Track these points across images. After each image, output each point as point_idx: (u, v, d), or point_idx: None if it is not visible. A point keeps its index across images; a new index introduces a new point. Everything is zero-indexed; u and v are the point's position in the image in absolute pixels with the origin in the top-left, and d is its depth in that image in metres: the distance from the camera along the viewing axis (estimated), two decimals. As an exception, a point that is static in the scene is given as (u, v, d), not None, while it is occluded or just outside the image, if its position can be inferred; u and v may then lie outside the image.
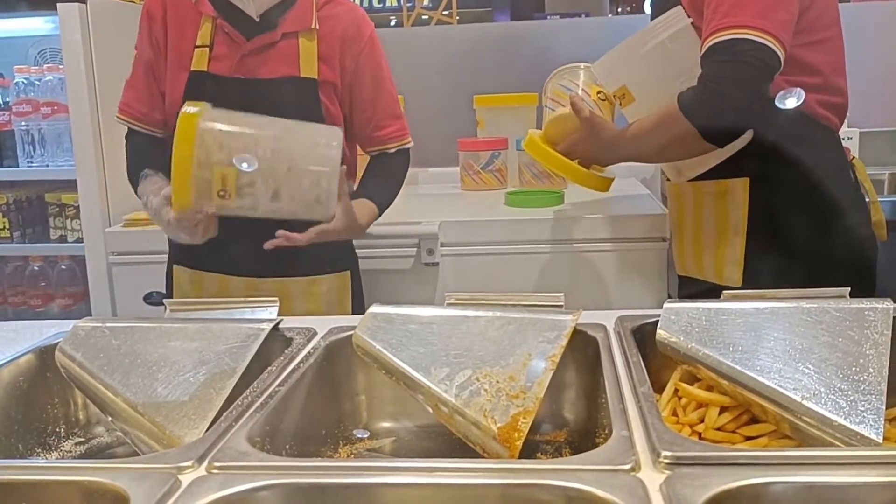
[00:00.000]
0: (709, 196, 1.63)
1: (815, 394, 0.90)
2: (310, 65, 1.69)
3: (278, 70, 1.67)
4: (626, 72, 1.61)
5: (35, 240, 2.73)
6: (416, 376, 1.01)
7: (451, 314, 1.10)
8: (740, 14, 1.40)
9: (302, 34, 1.69)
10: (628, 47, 1.59)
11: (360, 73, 1.75)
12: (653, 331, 1.04)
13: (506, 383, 1.00)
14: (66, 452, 1.12)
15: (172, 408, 1.00)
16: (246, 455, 0.78)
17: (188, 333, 1.12)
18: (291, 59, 1.69)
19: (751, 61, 1.39)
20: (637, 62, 1.57)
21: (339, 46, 1.72)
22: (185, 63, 1.67)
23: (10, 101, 2.63)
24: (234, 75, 1.66)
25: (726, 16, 1.41)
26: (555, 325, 1.06)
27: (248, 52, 1.66)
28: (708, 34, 1.43)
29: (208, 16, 1.67)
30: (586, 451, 1.01)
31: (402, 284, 2.17)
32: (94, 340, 1.12)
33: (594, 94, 1.80)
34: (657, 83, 1.56)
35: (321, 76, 1.70)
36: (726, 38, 1.40)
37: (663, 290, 2.10)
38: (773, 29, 1.39)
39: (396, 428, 1.13)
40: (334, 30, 1.71)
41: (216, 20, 1.67)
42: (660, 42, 1.53)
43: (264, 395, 0.95)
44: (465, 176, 2.71)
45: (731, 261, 1.58)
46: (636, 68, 1.59)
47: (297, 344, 1.13)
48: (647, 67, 1.57)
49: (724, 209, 1.60)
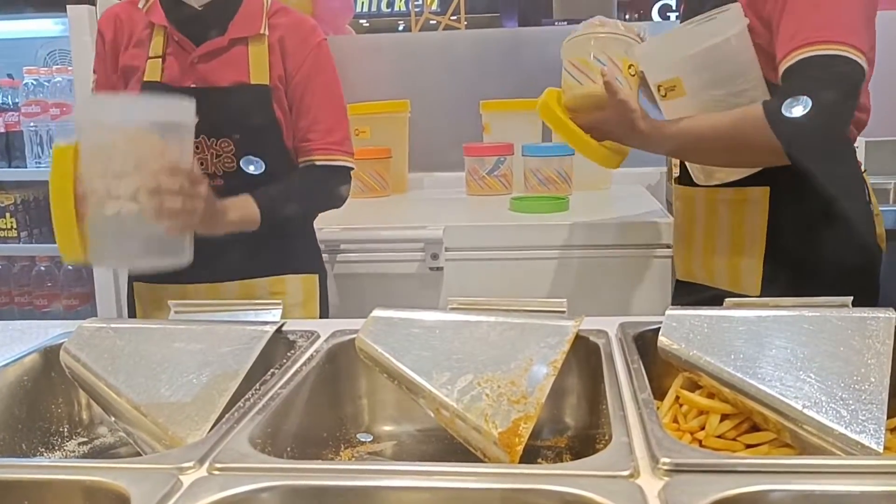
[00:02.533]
0: (725, 203, 1.60)
1: (817, 403, 0.90)
2: (260, 71, 1.68)
3: (229, 77, 1.66)
4: (682, 64, 1.51)
5: (42, 240, 2.74)
6: (417, 380, 1.02)
7: (454, 319, 1.10)
8: (838, 29, 1.35)
9: (251, 40, 1.68)
10: (694, 37, 1.48)
11: (301, 81, 1.71)
12: (654, 337, 1.05)
13: (507, 388, 1.00)
14: (69, 452, 1.13)
15: (175, 409, 1.01)
16: (247, 456, 0.79)
17: (192, 335, 1.12)
18: (241, 66, 1.67)
19: (845, 81, 1.35)
20: (697, 56, 1.47)
21: (285, 53, 1.70)
22: (139, 77, 1.67)
23: (20, 102, 2.64)
24: (185, 84, 1.65)
25: (823, 29, 1.35)
26: (557, 331, 1.06)
27: (197, 59, 1.65)
28: (797, 46, 1.37)
29: (160, 26, 1.67)
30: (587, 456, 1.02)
31: (407, 289, 2.17)
32: (98, 341, 1.12)
33: (626, 68, 1.64)
34: (714, 82, 1.49)
35: (272, 82, 1.68)
36: (819, 54, 1.34)
37: (667, 297, 2.10)
38: (864, 48, 1.36)
39: (398, 431, 1.14)
40: (283, 37, 1.70)
41: (167, 30, 1.67)
42: (725, 39, 1.44)
43: (266, 398, 0.95)
44: (471, 181, 2.71)
45: (749, 270, 1.56)
46: (694, 63, 1.49)
47: (300, 347, 1.13)
48: (706, 63, 1.48)
49: (741, 217, 1.57)
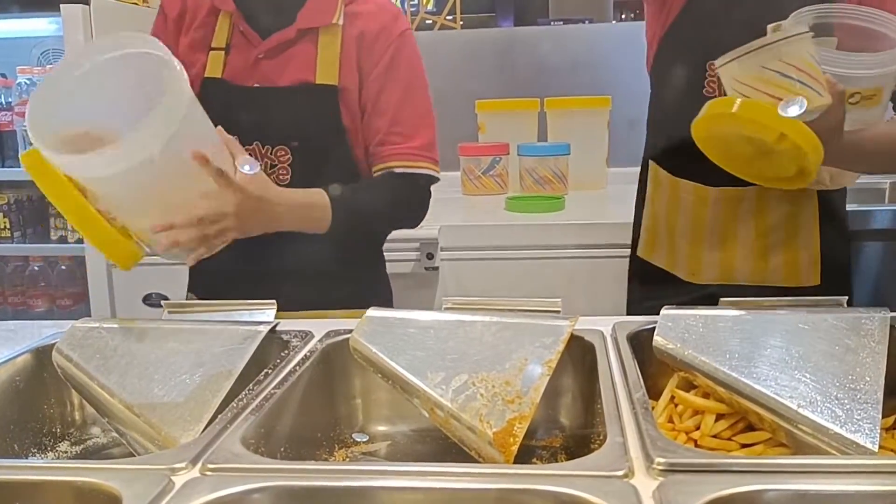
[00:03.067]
0: (775, 200, 1.55)
1: (812, 402, 0.90)
2: (328, 69, 1.46)
3: (293, 76, 1.47)
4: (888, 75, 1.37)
5: (36, 240, 2.73)
6: (412, 380, 1.01)
7: (449, 318, 1.10)
8: None
9: (322, 32, 1.47)
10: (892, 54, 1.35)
11: (378, 77, 1.49)
12: (650, 337, 1.04)
13: (502, 388, 1.00)
14: (61, 453, 1.12)
15: (168, 409, 1.00)
16: (239, 457, 0.78)
17: (185, 335, 1.12)
18: (307, 62, 1.47)
19: None
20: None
21: (361, 48, 1.49)
22: (198, 71, 1.49)
23: (13, 102, 2.63)
24: (247, 84, 1.47)
25: None
26: (551, 331, 1.05)
27: (262, 54, 1.47)
28: None
29: (226, 12, 1.49)
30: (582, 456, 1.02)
31: (403, 289, 2.16)
32: (91, 341, 1.12)
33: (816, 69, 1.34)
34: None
35: (342, 82, 1.47)
36: None
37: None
38: None
39: (392, 431, 1.13)
40: (361, 30, 1.49)
41: (233, 17, 1.49)
42: None
43: (260, 398, 0.95)
44: (466, 180, 2.71)
45: (808, 263, 1.56)
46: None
47: (295, 347, 1.13)
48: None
49: (794, 212, 1.55)
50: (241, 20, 1.48)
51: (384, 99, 1.49)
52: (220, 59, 1.48)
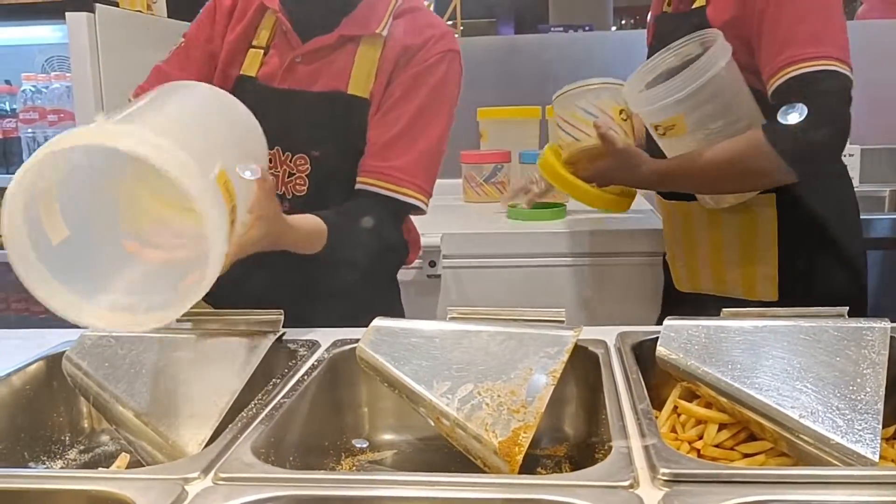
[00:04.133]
0: (730, 213, 1.61)
1: (813, 412, 0.91)
2: (363, 80, 1.40)
3: (326, 83, 1.42)
4: (681, 103, 1.51)
5: (39, 246, 2.74)
6: (418, 389, 1.03)
7: (454, 328, 1.11)
8: (825, 45, 1.37)
9: (364, 41, 1.42)
10: (688, 76, 1.48)
11: (402, 90, 1.41)
12: (653, 347, 1.06)
13: (507, 398, 1.01)
14: (70, 461, 1.13)
15: (175, 417, 1.01)
16: (251, 467, 0.80)
17: (193, 344, 1.13)
18: (343, 70, 1.41)
19: (842, 95, 1.37)
20: (696, 93, 1.48)
21: (398, 60, 1.42)
22: (236, 64, 1.47)
23: (18, 109, 2.64)
24: (279, 85, 1.43)
25: (809, 45, 1.37)
26: (556, 341, 1.07)
27: (300, 57, 1.42)
28: (788, 63, 1.39)
29: (273, 11, 1.46)
30: (586, 466, 1.03)
31: (405, 296, 2.17)
32: (100, 350, 1.13)
33: (616, 115, 1.68)
34: (713, 115, 1.50)
35: (374, 95, 1.41)
36: (811, 70, 1.36)
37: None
38: (848, 58, 1.38)
39: (398, 440, 1.14)
40: (404, 42, 1.43)
41: (278, 16, 1.45)
42: (719, 71, 1.45)
43: (269, 407, 0.96)
44: (468, 188, 2.72)
45: (764, 276, 1.58)
46: (693, 100, 1.49)
47: (302, 356, 1.14)
48: (704, 99, 1.49)
49: (752, 225, 1.59)
50: (285, 20, 1.44)
51: (396, 117, 1.40)
52: (259, 57, 1.45)
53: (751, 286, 1.61)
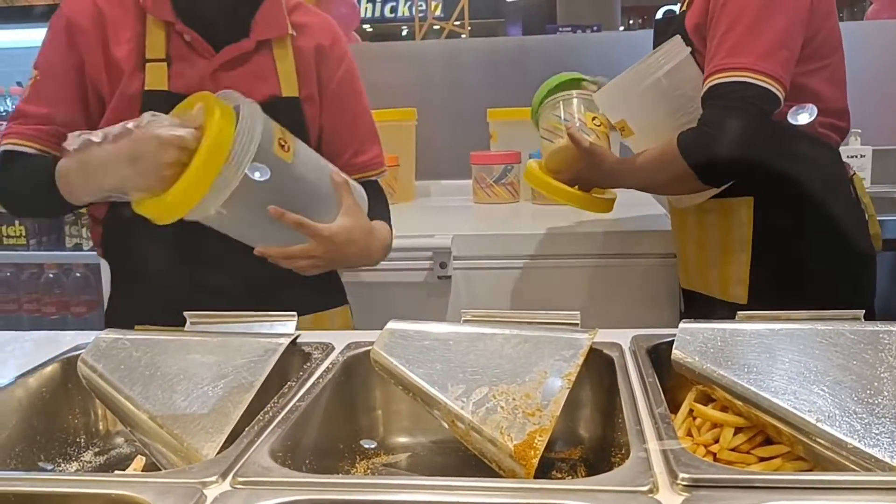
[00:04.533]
0: (712, 214, 1.65)
1: (830, 416, 0.91)
2: (289, 81, 1.47)
3: (260, 89, 1.42)
4: (625, 106, 1.61)
5: (50, 247, 2.75)
6: (432, 392, 1.03)
7: (468, 331, 1.11)
8: (742, 55, 1.39)
9: (276, 44, 1.46)
10: (628, 81, 1.59)
11: (339, 91, 1.53)
12: (668, 350, 1.05)
13: (522, 401, 1.01)
14: (85, 463, 1.13)
15: (191, 420, 1.01)
16: (269, 470, 0.80)
17: (207, 347, 1.13)
18: (270, 76, 1.46)
19: (749, 107, 1.39)
20: (635, 98, 1.57)
21: (314, 59, 1.50)
22: (136, 81, 1.39)
23: (29, 110, 2.65)
24: None
25: (728, 55, 1.40)
26: (571, 344, 1.06)
27: (218, 67, 1.42)
28: (709, 73, 1.43)
29: (161, 21, 1.40)
30: (601, 469, 1.03)
31: (415, 298, 2.18)
32: (115, 352, 1.13)
33: (589, 121, 1.80)
34: (655, 119, 1.57)
35: (302, 93, 1.48)
36: (726, 81, 1.40)
37: (675, 305, 2.11)
38: (775, 70, 1.39)
39: (412, 443, 1.14)
40: (316, 39, 1.51)
41: (172, 27, 1.40)
42: (656, 80, 1.52)
43: (285, 410, 0.96)
44: (478, 189, 2.72)
45: (737, 279, 1.60)
46: (634, 104, 1.59)
47: (316, 359, 1.14)
48: (644, 104, 1.57)
49: (727, 227, 1.61)
50: (187, 30, 1.41)
51: (353, 113, 1.57)
52: (164, 70, 1.39)
53: (725, 287, 1.63)
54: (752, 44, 1.40)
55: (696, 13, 1.53)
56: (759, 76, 1.38)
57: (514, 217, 2.41)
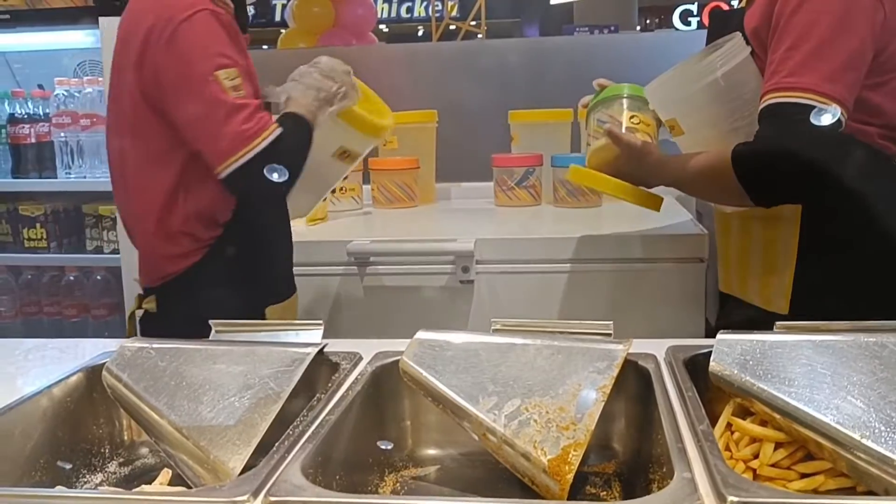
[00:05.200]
0: (757, 221, 1.58)
1: (875, 431, 0.88)
2: None
3: None
4: (678, 105, 1.54)
5: (71, 250, 2.75)
6: (464, 405, 1.00)
7: (499, 341, 1.09)
8: (808, 75, 1.33)
9: None
10: (683, 79, 1.51)
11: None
12: (704, 362, 1.03)
13: (556, 414, 0.98)
14: (110, 474, 1.12)
15: (217, 432, 1.00)
16: (302, 489, 0.78)
17: (233, 357, 1.11)
18: None
19: (810, 131, 1.33)
20: (689, 97, 1.49)
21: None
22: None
23: (51, 113, 2.65)
24: None
25: (793, 74, 1.33)
26: (605, 355, 1.04)
27: None
28: (770, 89, 1.36)
29: None
30: (637, 485, 1.00)
31: (437, 302, 2.16)
32: (140, 361, 1.12)
33: (627, 119, 1.74)
34: (707, 121, 1.50)
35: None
36: (788, 101, 1.33)
37: (700, 311, 2.08)
38: (840, 94, 1.33)
39: (441, 455, 1.12)
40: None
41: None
42: (714, 80, 1.44)
43: (315, 424, 0.94)
44: (499, 192, 2.69)
45: (779, 290, 1.53)
46: (687, 103, 1.51)
47: (344, 369, 1.12)
48: (698, 104, 1.50)
49: (773, 237, 1.54)
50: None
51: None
52: None
53: (767, 297, 1.57)
54: (819, 64, 1.33)
55: (756, 15, 1.45)
56: (823, 99, 1.31)
57: (536, 220, 2.38)
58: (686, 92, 1.49)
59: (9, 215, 2.74)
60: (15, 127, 2.66)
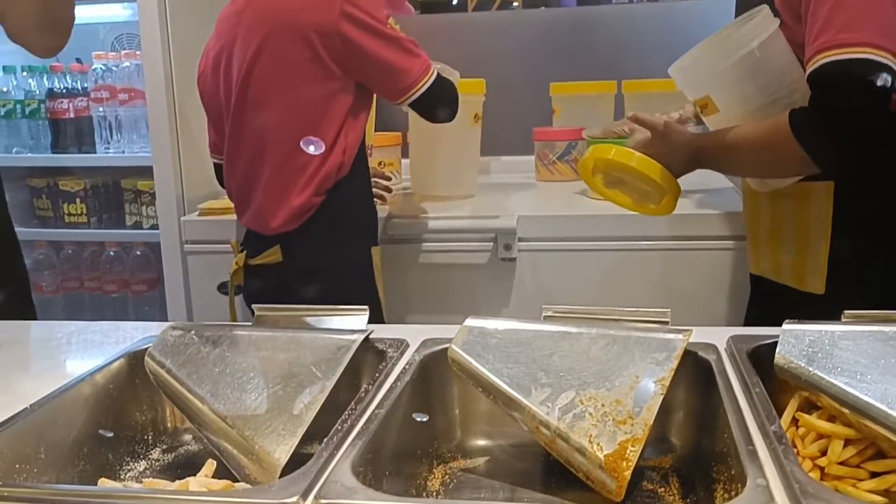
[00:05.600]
0: (788, 199, 1.53)
1: (951, 429, 0.83)
2: None
3: None
4: (710, 81, 1.47)
5: (111, 225, 2.74)
6: (516, 397, 0.97)
7: (552, 330, 1.05)
8: (860, 30, 1.27)
9: None
10: (711, 55, 1.45)
11: None
12: (768, 353, 0.98)
13: (612, 407, 0.94)
14: (153, 461, 1.10)
15: (262, 421, 0.97)
16: (353, 492, 0.74)
17: (277, 343, 1.09)
18: None
19: (874, 87, 1.26)
20: (722, 72, 1.43)
21: None
22: None
23: (89, 87, 2.64)
24: None
25: (843, 31, 1.27)
26: (664, 346, 1.00)
27: None
28: (822, 48, 1.30)
29: None
30: (696, 481, 0.96)
31: (478, 280, 2.12)
32: (182, 347, 1.10)
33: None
34: (745, 95, 1.44)
35: None
36: (846, 58, 1.27)
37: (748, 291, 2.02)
38: (892, 46, 1.27)
39: (491, 446, 1.09)
40: None
41: None
42: (749, 52, 1.39)
43: (364, 419, 0.91)
44: (540, 166, 2.64)
45: (814, 269, 1.49)
46: (722, 78, 1.45)
47: (391, 357, 1.09)
48: (734, 78, 1.44)
49: (805, 214, 1.50)
50: None
51: None
52: None
53: (801, 277, 1.52)
54: (871, 18, 1.27)
55: None
56: (880, 53, 1.26)
57: (578, 196, 2.32)
58: (720, 67, 1.43)
59: (49, 191, 2.73)
60: (53, 102, 2.64)
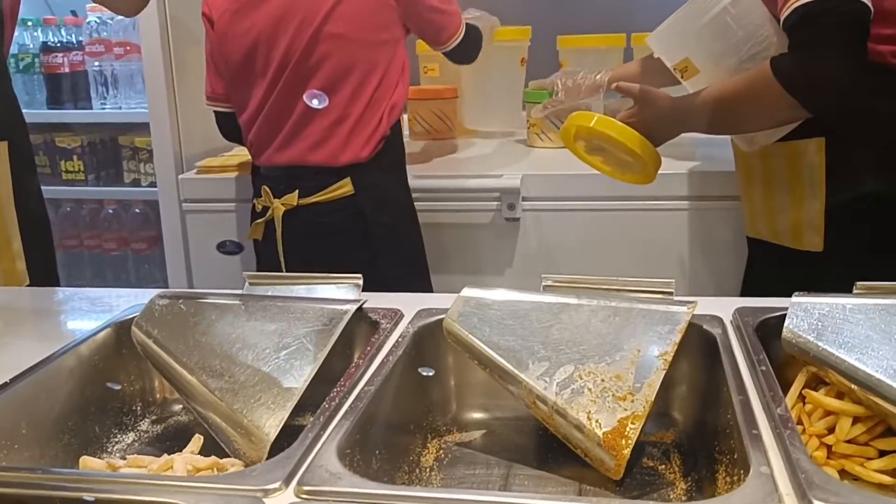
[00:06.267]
0: (778, 158, 1.52)
1: (966, 408, 0.79)
2: None
3: None
4: (689, 43, 1.47)
5: (109, 183, 2.70)
6: (512, 371, 0.94)
7: (551, 301, 1.01)
8: None
9: None
10: (687, 17, 1.45)
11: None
12: (776, 325, 0.94)
13: (612, 383, 0.91)
14: (142, 433, 1.08)
15: (251, 393, 0.94)
16: (338, 478, 0.71)
17: (268, 313, 1.05)
18: None
19: (848, 23, 1.26)
20: (699, 32, 1.43)
21: None
22: None
23: (84, 41, 2.58)
24: None
25: None
26: (667, 318, 0.96)
27: None
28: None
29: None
30: (697, 458, 0.93)
31: (481, 240, 2.08)
32: (170, 317, 1.06)
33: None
34: (723, 52, 1.43)
35: None
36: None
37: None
38: None
39: (487, 419, 1.06)
40: None
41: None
42: (722, 9, 1.39)
43: (353, 396, 0.87)
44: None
45: (810, 226, 1.48)
46: (699, 39, 1.45)
47: (384, 329, 1.05)
48: (710, 37, 1.43)
49: (797, 172, 1.49)
50: None
51: None
52: None
53: (798, 236, 1.51)
54: None
55: None
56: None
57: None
58: (696, 26, 1.43)
59: (46, 147, 2.68)
60: (48, 56, 2.58)
